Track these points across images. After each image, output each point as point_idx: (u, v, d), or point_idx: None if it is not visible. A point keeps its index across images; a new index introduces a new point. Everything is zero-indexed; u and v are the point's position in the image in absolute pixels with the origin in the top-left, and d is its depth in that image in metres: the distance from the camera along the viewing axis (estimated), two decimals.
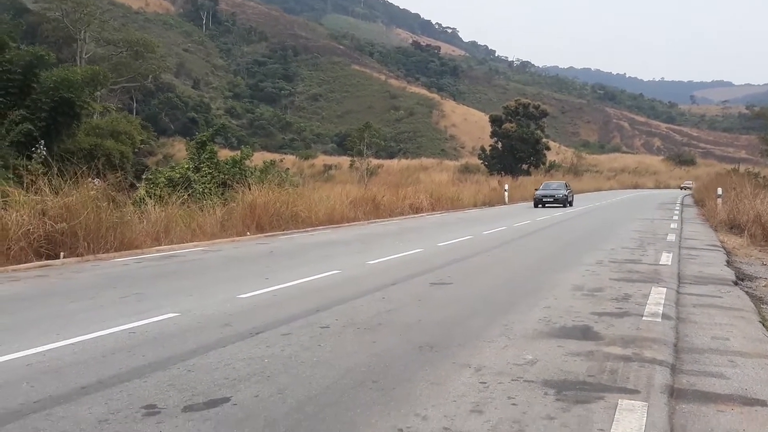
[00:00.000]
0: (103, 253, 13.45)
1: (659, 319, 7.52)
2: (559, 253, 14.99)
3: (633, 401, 4.74)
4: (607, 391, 4.96)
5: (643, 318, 7.61)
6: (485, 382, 5.16)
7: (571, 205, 36.48)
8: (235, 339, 6.51)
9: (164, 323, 7.26)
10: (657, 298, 8.87)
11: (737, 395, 5.01)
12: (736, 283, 10.70)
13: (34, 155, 18.09)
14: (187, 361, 5.74)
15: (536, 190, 38.33)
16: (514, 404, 4.68)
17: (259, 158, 31.44)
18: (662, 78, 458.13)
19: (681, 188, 76.97)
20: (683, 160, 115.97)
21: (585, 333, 6.86)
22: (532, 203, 37.23)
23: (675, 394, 5.01)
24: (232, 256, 13.92)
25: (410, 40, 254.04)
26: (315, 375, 5.35)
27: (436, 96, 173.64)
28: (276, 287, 9.52)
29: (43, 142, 21.81)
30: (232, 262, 12.93)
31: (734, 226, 21.48)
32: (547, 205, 35.24)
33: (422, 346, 6.27)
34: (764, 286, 10.90)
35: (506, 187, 43.75)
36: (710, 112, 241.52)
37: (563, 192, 36.82)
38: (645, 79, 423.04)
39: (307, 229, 20.11)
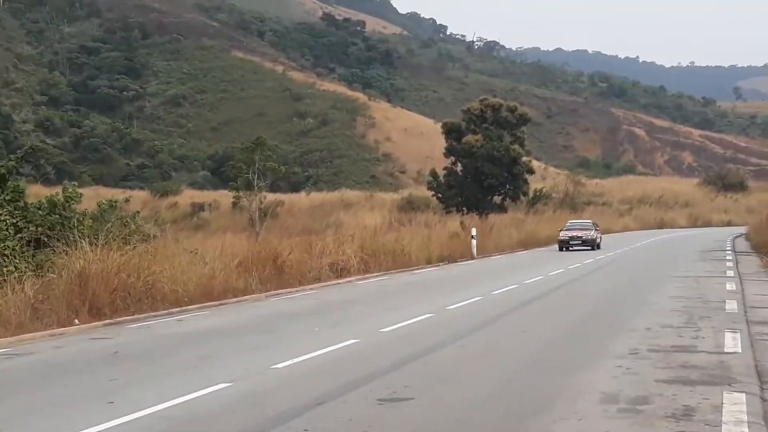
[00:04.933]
0: None
1: None
2: (571, 337, 15.00)
3: None
4: None
5: None
6: None
7: (599, 247, 47.10)
8: None
9: None
10: (735, 413, 8.67)
11: None
12: None
13: None
14: None
15: (560, 231, 48.91)
16: None
17: (92, 197, 30.71)
18: (692, 63, 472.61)
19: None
20: (728, 184, 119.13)
21: None
22: (511, 255, 44.25)
23: None
24: (51, 363, 13.40)
25: (320, 12, 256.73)
26: None
27: (360, 95, 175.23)
28: (127, 418, 8.96)
29: None
30: (53, 375, 12.41)
31: None
32: (573, 247, 46.58)
33: None
34: None
35: (473, 232, 43.54)
36: (764, 110, 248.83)
37: (592, 233, 47.84)
38: (667, 65, 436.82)
39: (171, 311, 19.66)
